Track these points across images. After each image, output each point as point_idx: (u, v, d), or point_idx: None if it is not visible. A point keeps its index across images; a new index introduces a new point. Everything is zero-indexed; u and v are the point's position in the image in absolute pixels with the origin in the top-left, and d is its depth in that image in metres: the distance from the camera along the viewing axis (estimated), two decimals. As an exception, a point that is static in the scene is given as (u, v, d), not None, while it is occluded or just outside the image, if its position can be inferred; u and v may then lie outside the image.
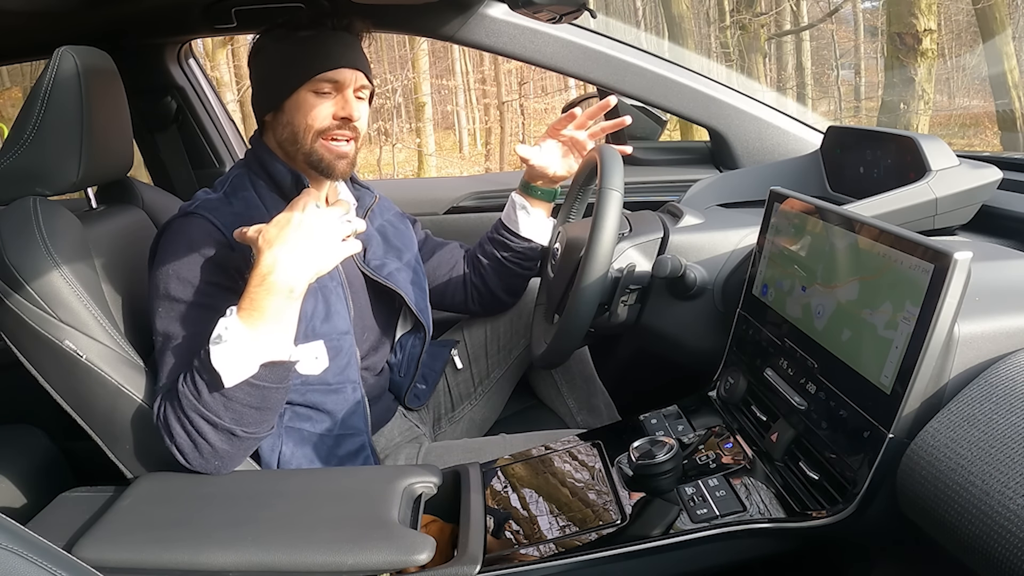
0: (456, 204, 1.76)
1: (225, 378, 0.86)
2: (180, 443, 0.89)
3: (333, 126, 1.04)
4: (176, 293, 0.95)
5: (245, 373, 0.87)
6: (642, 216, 1.25)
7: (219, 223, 0.99)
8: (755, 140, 1.55)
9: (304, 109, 1.04)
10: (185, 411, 0.88)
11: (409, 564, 0.77)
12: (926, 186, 1.10)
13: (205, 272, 0.96)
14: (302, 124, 1.04)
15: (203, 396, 0.87)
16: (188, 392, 0.88)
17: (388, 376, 1.23)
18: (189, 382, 0.88)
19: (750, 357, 0.98)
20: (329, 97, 1.04)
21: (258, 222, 1.02)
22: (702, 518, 0.81)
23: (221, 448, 0.89)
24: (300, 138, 1.05)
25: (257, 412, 0.90)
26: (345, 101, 1.04)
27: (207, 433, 0.88)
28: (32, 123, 0.97)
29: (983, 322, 0.69)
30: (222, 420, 0.88)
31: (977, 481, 0.59)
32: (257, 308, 0.87)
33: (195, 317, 0.94)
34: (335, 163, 1.06)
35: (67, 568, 0.50)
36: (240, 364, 0.86)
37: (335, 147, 1.05)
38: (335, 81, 1.03)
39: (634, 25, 10.15)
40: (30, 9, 1.24)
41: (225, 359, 0.86)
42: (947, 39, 9.65)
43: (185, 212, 1.01)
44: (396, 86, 10.51)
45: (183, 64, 1.79)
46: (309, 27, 1.05)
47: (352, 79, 1.05)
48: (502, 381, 1.38)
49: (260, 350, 0.87)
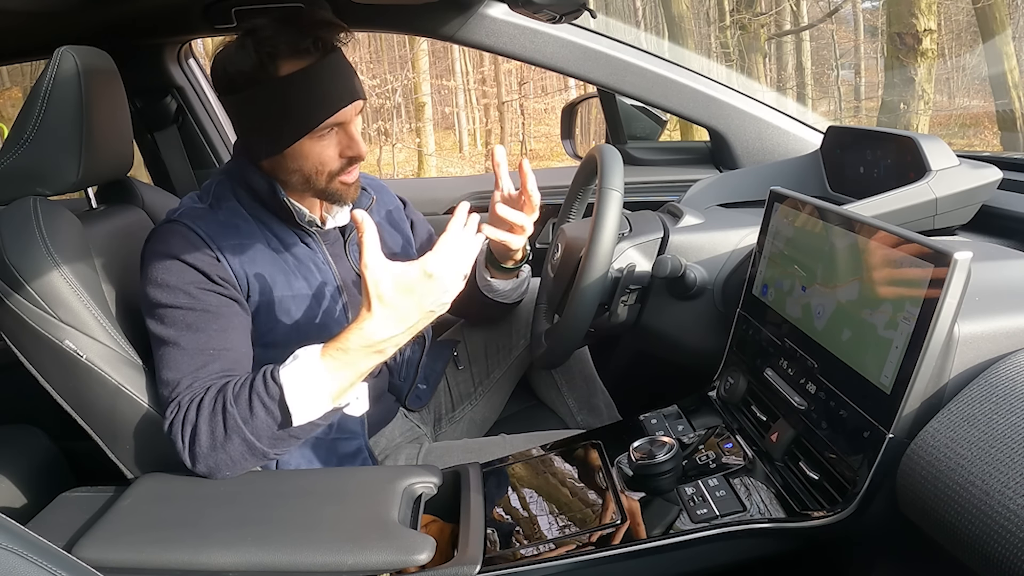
0: (456, 204, 1.75)
1: (295, 418, 0.87)
2: (199, 452, 0.88)
3: (344, 165, 1.00)
4: (163, 299, 0.94)
5: (313, 416, 0.88)
6: (642, 216, 1.25)
7: (202, 232, 0.97)
8: (755, 140, 1.55)
9: (311, 158, 0.98)
10: (228, 430, 0.87)
11: (409, 564, 0.77)
12: (926, 186, 1.10)
13: (190, 277, 0.95)
14: (311, 170, 0.99)
15: (256, 423, 0.87)
16: (238, 415, 0.87)
17: (387, 378, 1.23)
18: (242, 406, 0.87)
19: (750, 357, 0.98)
20: (332, 137, 0.98)
21: (243, 230, 1.01)
22: (702, 518, 0.81)
23: (240, 463, 0.90)
24: (313, 181, 1.00)
25: (295, 441, 0.91)
26: (350, 139, 0.99)
27: (236, 451, 0.88)
28: (32, 123, 0.97)
29: (983, 322, 0.69)
30: (261, 444, 0.88)
31: (977, 481, 0.59)
32: (343, 359, 0.86)
33: (188, 322, 0.93)
34: (348, 192, 1.03)
35: (67, 568, 0.50)
36: (312, 408, 0.87)
37: (348, 179, 1.02)
38: (338, 123, 0.97)
39: (634, 25, 10.14)
40: (30, 9, 1.24)
41: (300, 400, 0.86)
42: (947, 39, 9.64)
43: (169, 219, 1.00)
44: (396, 86, 10.51)
45: (183, 64, 1.79)
46: (290, 57, 0.93)
47: (352, 113, 0.98)
48: (502, 381, 1.38)
49: (331, 397, 0.88)
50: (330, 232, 1.10)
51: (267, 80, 0.94)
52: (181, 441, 0.88)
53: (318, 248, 1.08)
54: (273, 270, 1.02)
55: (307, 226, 1.05)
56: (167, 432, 0.89)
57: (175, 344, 0.93)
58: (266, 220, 1.04)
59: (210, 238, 0.97)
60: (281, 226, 1.05)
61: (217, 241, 0.98)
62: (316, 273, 1.06)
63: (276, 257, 1.03)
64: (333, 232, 1.10)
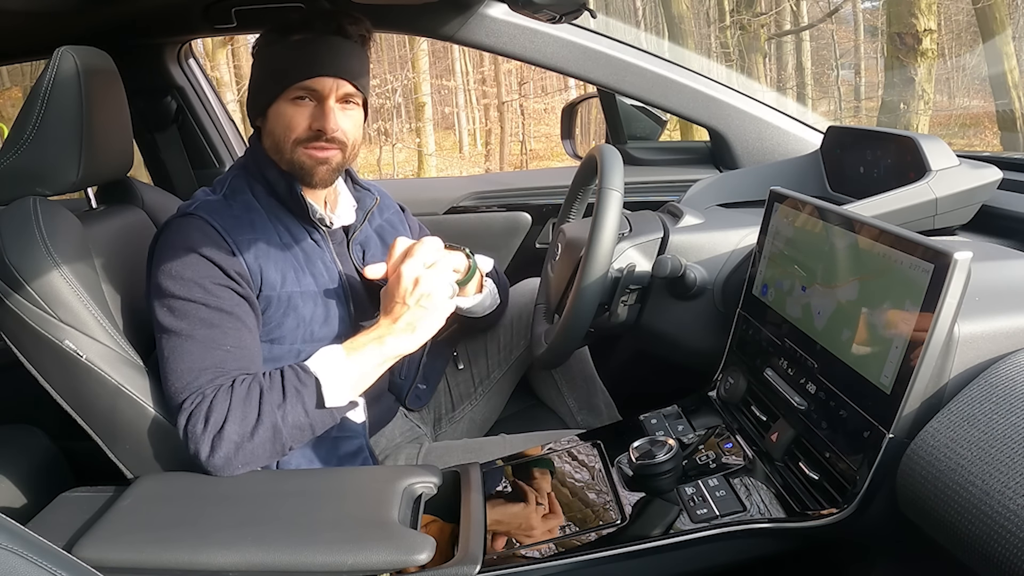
0: (456, 204, 1.76)
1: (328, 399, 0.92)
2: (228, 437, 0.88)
3: (311, 136, 1.00)
4: (178, 292, 0.94)
5: (343, 400, 0.93)
6: (642, 216, 1.25)
7: (218, 225, 0.98)
8: (755, 140, 1.55)
9: (283, 119, 1.01)
10: (261, 413, 0.89)
11: (409, 564, 0.77)
12: (926, 186, 1.10)
13: (206, 271, 0.95)
14: (281, 134, 1.01)
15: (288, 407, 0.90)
16: (273, 400, 0.90)
17: (387, 378, 1.23)
18: (277, 390, 0.91)
19: (750, 357, 0.98)
20: (307, 106, 1.00)
21: (257, 225, 1.02)
22: (702, 518, 0.81)
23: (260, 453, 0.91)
24: (281, 147, 1.02)
25: (311, 433, 0.94)
26: (322, 112, 1.00)
27: (261, 436, 0.89)
28: (32, 123, 0.97)
29: (983, 322, 0.69)
30: (285, 431, 0.90)
31: (977, 481, 0.59)
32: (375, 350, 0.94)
33: (202, 316, 0.94)
34: (315, 168, 1.02)
35: (67, 568, 0.50)
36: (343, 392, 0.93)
37: (316, 153, 1.01)
38: (312, 90, 0.99)
39: (634, 25, 10.15)
40: (30, 9, 1.24)
41: (332, 383, 0.92)
42: (947, 39, 9.64)
43: (184, 212, 1.01)
44: (396, 86, 10.51)
45: (183, 64, 1.79)
46: (299, 31, 1.00)
47: (332, 88, 0.99)
48: (502, 381, 1.38)
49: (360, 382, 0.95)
50: (336, 231, 1.11)
51: (273, 44, 1.02)
52: (203, 429, 0.88)
53: (325, 246, 1.09)
54: (284, 265, 1.02)
55: (318, 223, 1.07)
56: (184, 422, 0.89)
57: (189, 336, 0.93)
58: (279, 215, 1.05)
59: (227, 232, 0.98)
60: (293, 221, 1.06)
61: (233, 235, 0.98)
62: (323, 270, 1.07)
63: (287, 252, 1.04)
64: (339, 231, 1.12)
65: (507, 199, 1.76)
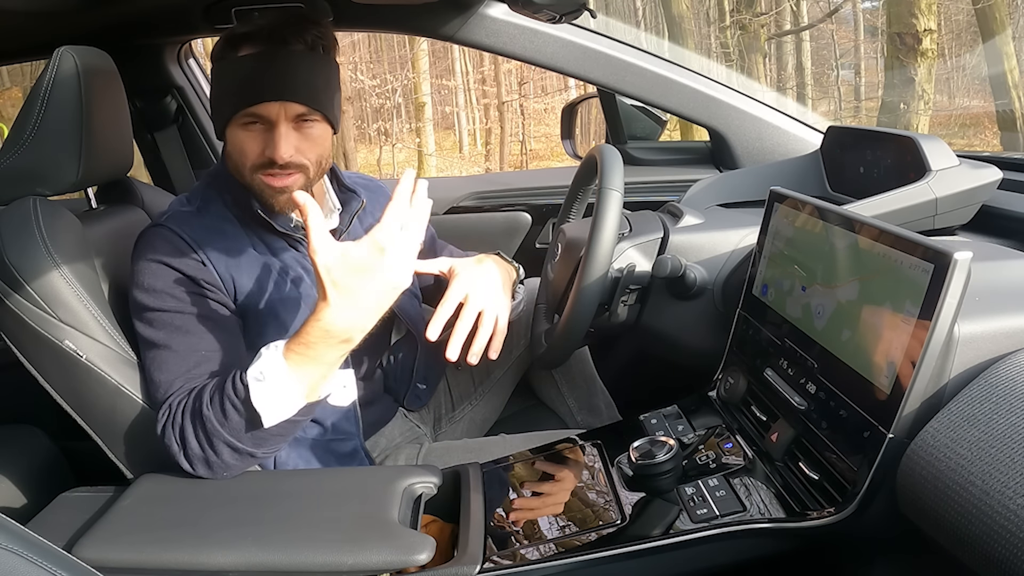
0: (456, 204, 1.76)
1: (265, 419, 0.84)
2: (192, 455, 0.88)
3: (264, 163, 0.94)
4: (150, 303, 0.94)
5: (285, 414, 0.85)
6: (642, 216, 1.25)
7: (188, 237, 0.97)
8: (755, 140, 1.55)
9: (236, 144, 0.95)
10: (208, 434, 0.86)
11: (409, 564, 0.77)
12: (926, 186, 1.10)
13: (175, 282, 0.94)
14: (237, 159, 0.96)
15: (231, 425, 0.85)
16: (214, 418, 0.85)
17: (382, 380, 1.22)
18: (216, 408, 0.85)
19: (750, 357, 0.98)
20: (257, 131, 0.94)
21: (229, 234, 1.00)
22: (702, 518, 0.81)
23: (233, 464, 0.89)
24: (240, 171, 0.97)
25: (280, 439, 0.90)
26: (272, 139, 0.93)
27: (223, 453, 0.87)
28: (32, 123, 0.97)
29: (983, 322, 0.69)
30: (243, 445, 0.87)
31: (977, 481, 0.59)
32: (308, 354, 0.82)
33: (176, 324, 0.93)
34: (275, 197, 0.97)
35: (67, 568, 0.50)
36: (282, 407, 0.84)
37: (273, 183, 0.95)
38: (260, 116, 0.93)
39: (634, 25, 10.14)
40: (30, 9, 1.24)
41: (267, 400, 0.83)
42: (947, 39, 9.64)
43: (155, 223, 1.00)
44: (396, 86, 10.51)
45: (183, 64, 1.79)
46: (244, 45, 0.93)
47: (278, 113, 0.92)
48: (502, 381, 1.38)
49: (303, 393, 0.85)
50: None
51: (222, 59, 0.96)
52: (175, 444, 0.88)
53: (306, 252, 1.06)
54: (261, 275, 1.01)
55: (292, 232, 1.03)
56: (160, 436, 0.89)
57: (165, 346, 0.93)
58: (253, 225, 1.03)
59: (195, 243, 0.97)
60: (267, 231, 1.03)
61: (203, 246, 0.97)
62: (305, 277, 1.05)
63: (264, 262, 1.02)
64: None
65: (507, 199, 1.76)
